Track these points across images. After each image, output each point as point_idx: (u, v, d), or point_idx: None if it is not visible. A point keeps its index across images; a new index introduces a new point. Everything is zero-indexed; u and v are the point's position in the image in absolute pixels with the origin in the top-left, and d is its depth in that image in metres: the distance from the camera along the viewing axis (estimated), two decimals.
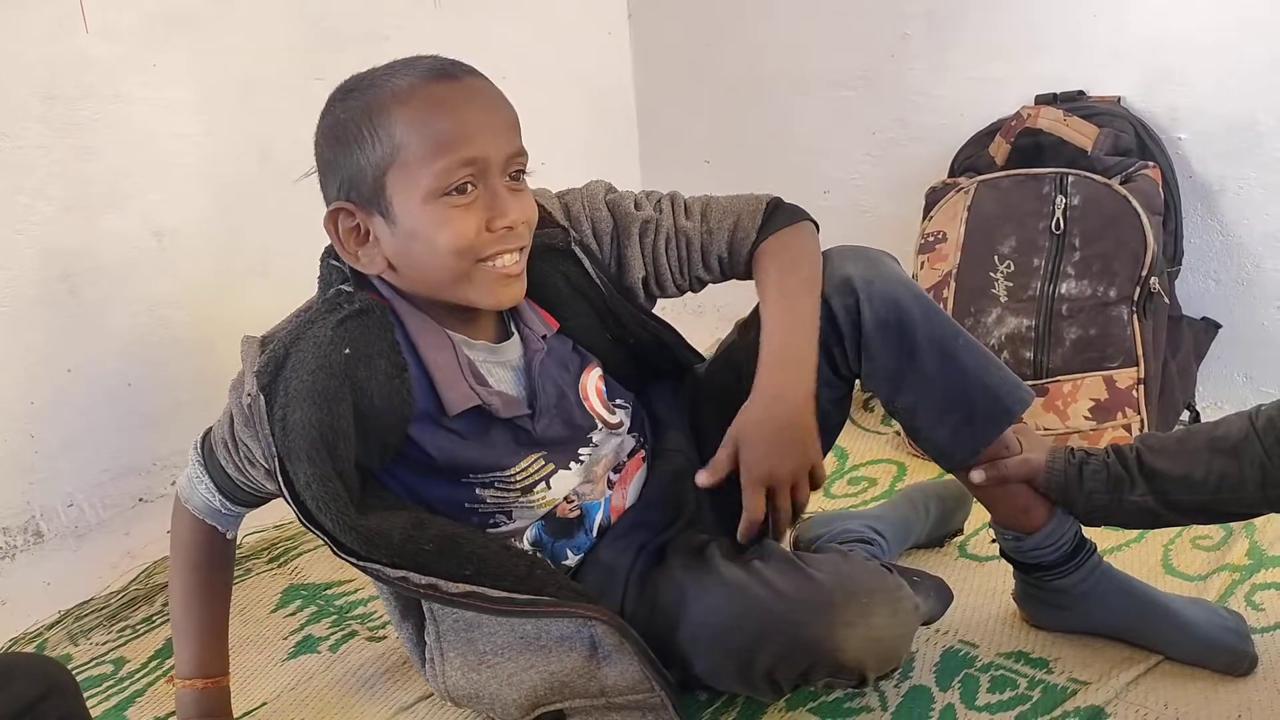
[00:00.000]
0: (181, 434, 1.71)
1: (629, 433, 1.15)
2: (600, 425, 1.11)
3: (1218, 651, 1.08)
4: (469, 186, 0.95)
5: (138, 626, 1.40)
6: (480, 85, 0.98)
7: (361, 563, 0.97)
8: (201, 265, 1.69)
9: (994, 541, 1.17)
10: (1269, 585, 1.23)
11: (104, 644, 1.37)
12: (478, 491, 1.05)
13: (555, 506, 1.09)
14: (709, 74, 2.21)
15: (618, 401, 1.15)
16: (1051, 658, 1.14)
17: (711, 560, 1.04)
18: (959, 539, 1.40)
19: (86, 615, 1.43)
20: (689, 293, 1.17)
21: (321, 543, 0.99)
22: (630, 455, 1.15)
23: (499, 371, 1.06)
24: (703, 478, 1.02)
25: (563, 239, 1.09)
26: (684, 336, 1.21)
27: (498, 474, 1.05)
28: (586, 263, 1.10)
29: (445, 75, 0.96)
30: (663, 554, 1.11)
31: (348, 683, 1.24)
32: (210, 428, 1.08)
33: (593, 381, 1.13)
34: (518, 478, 1.06)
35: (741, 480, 1.00)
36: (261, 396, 0.96)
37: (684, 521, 1.15)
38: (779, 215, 1.12)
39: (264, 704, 1.21)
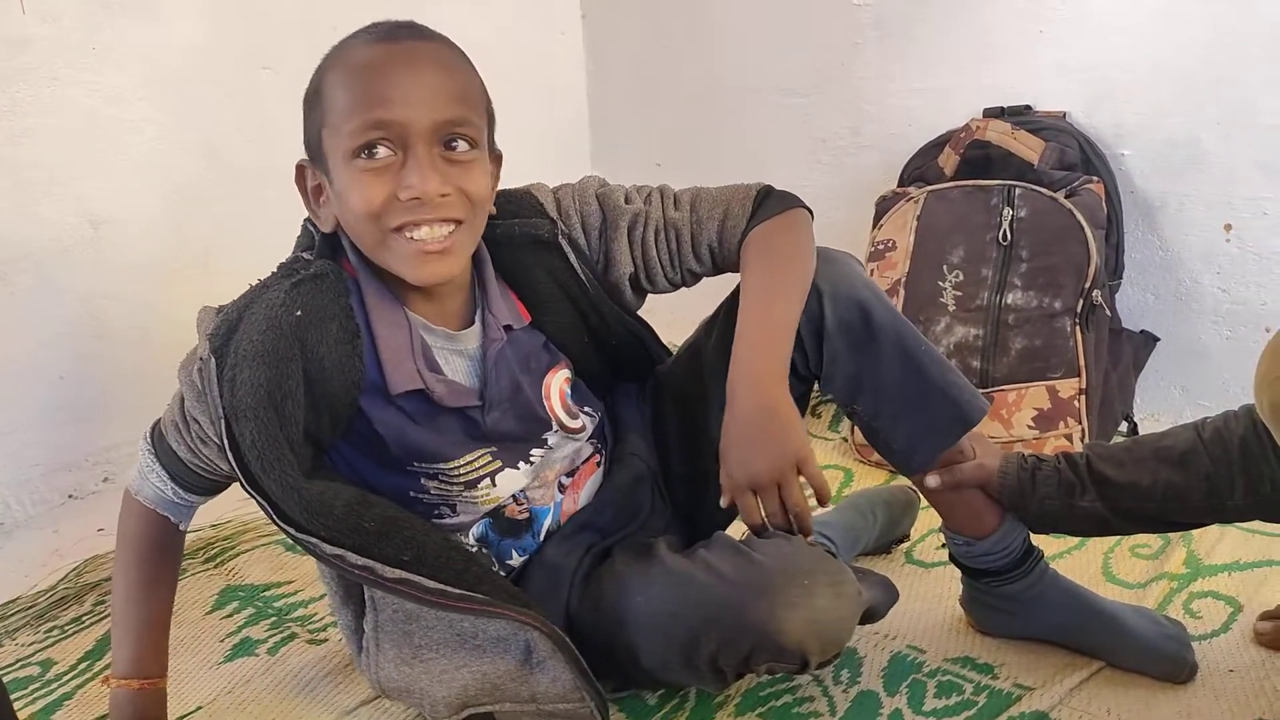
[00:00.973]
0: (115, 429, 1.67)
1: (588, 439, 1.14)
2: (556, 427, 1.09)
3: (1160, 659, 1.09)
4: (379, 149, 0.92)
5: (66, 627, 1.35)
6: (421, 49, 0.95)
7: (300, 534, 0.95)
8: (139, 257, 1.65)
9: (942, 546, 1.18)
10: (1206, 594, 1.26)
11: (30, 644, 1.32)
12: (422, 481, 1.03)
13: (503, 506, 1.07)
14: (662, 77, 2.21)
15: (585, 408, 1.13)
16: (997, 663, 1.15)
17: (656, 553, 1.03)
18: (906, 545, 1.41)
19: (12, 615, 1.37)
20: (682, 287, 1.14)
21: (260, 543, 0.97)
22: (585, 461, 1.13)
23: (455, 359, 1.04)
24: (724, 501, 1.00)
25: (549, 231, 1.07)
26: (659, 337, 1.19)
27: (441, 465, 1.03)
28: (572, 257, 1.08)
29: (387, 38, 0.94)
30: (608, 554, 1.10)
31: (287, 686, 1.21)
32: (159, 418, 1.05)
33: (558, 382, 1.10)
34: (460, 471, 1.04)
35: (722, 486, 0.99)
36: (213, 359, 0.94)
37: (635, 526, 1.14)
38: (770, 203, 1.09)
39: (199, 708, 1.17)
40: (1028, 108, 1.74)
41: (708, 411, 1.10)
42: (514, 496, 1.09)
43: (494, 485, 1.06)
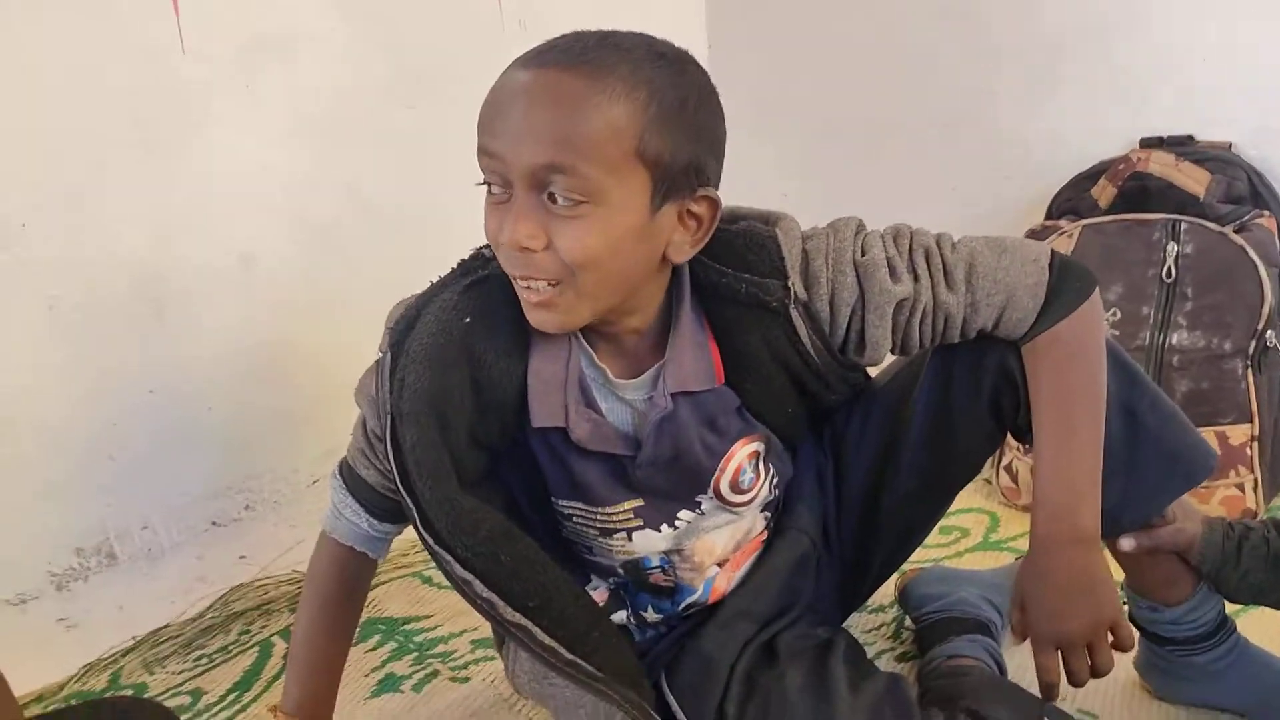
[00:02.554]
0: (256, 459, 1.70)
1: (762, 512, 1.08)
2: (713, 495, 1.01)
3: None
4: (490, 184, 0.86)
5: (214, 656, 1.37)
6: (549, 79, 0.82)
7: (437, 547, 0.92)
8: (281, 295, 1.68)
9: (1124, 604, 1.11)
10: None
11: (180, 673, 1.34)
12: (564, 509, 1.01)
13: (648, 571, 1.04)
14: (789, 108, 2.18)
15: (774, 478, 1.06)
16: None
17: (834, 695, 0.96)
18: None
19: (162, 643, 1.39)
20: None
21: (397, 575, 0.95)
22: (753, 538, 1.08)
23: (617, 403, 0.97)
24: (1012, 642, 0.98)
25: (779, 297, 0.92)
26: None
27: (582, 505, 1.00)
28: (803, 330, 0.94)
29: (533, 61, 0.84)
30: (772, 651, 1.04)
31: None
32: (344, 456, 1.04)
33: (744, 454, 1.01)
34: (598, 517, 1.00)
35: (1031, 643, 0.95)
36: (388, 354, 0.92)
37: (796, 613, 1.08)
38: (1064, 290, 0.94)
39: None
40: (1190, 138, 1.66)
41: (895, 469, 1.05)
42: (661, 567, 1.05)
43: (629, 540, 1.01)
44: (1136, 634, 1.10)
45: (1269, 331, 1.47)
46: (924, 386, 1.02)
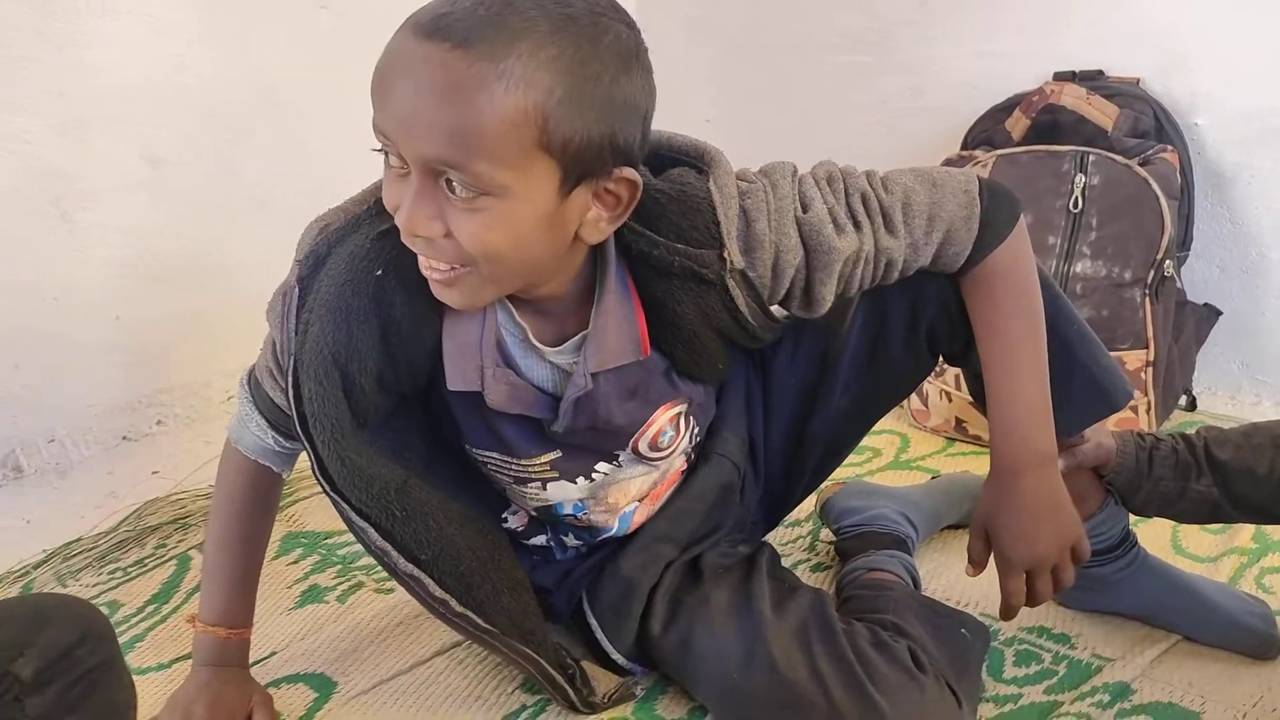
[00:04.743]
0: (169, 372, 1.66)
1: (683, 455, 1.08)
2: (631, 452, 1.02)
3: (1247, 636, 1.09)
4: (387, 154, 0.79)
5: (130, 569, 1.35)
6: (439, 60, 0.72)
7: (333, 493, 0.92)
8: (197, 197, 1.63)
9: None
10: (1276, 569, 1.26)
11: (94, 586, 1.32)
12: (479, 456, 1.01)
13: (562, 515, 1.06)
14: (712, 30, 2.17)
15: (695, 431, 1.07)
16: (1073, 633, 1.15)
17: (760, 617, 0.99)
18: None
19: (75, 555, 1.37)
20: None
21: (318, 491, 0.95)
22: (670, 475, 1.10)
23: (538, 364, 0.94)
24: (970, 572, 1.00)
25: (715, 269, 0.89)
26: None
27: (498, 455, 1.00)
28: (739, 298, 0.91)
29: (421, 30, 0.74)
30: (696, 570, 1.07)
31: (360, 634, 1.20)
32: (254, 364, 1.01)
33: (665, 417, 1.01)
34: (513, 466, 1.00)
35: (998, 568, 0.98)
36: (296, 289, 0.89)
37: (718, 536, 1.11)
38: (995, 217, 0.95)
39: (273, 654, 1.17)
40: (1100, 73, 1.71)
41: (828, 391, 1.08)
42: (574, 515, 1.06)
43: (544, 489, 1.02)
44: None
45: (1167, 261, 1.54)
46: (859, 312, 1.04)
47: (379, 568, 1.30)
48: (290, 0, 1.67)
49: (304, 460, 1.39)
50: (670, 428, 1.02)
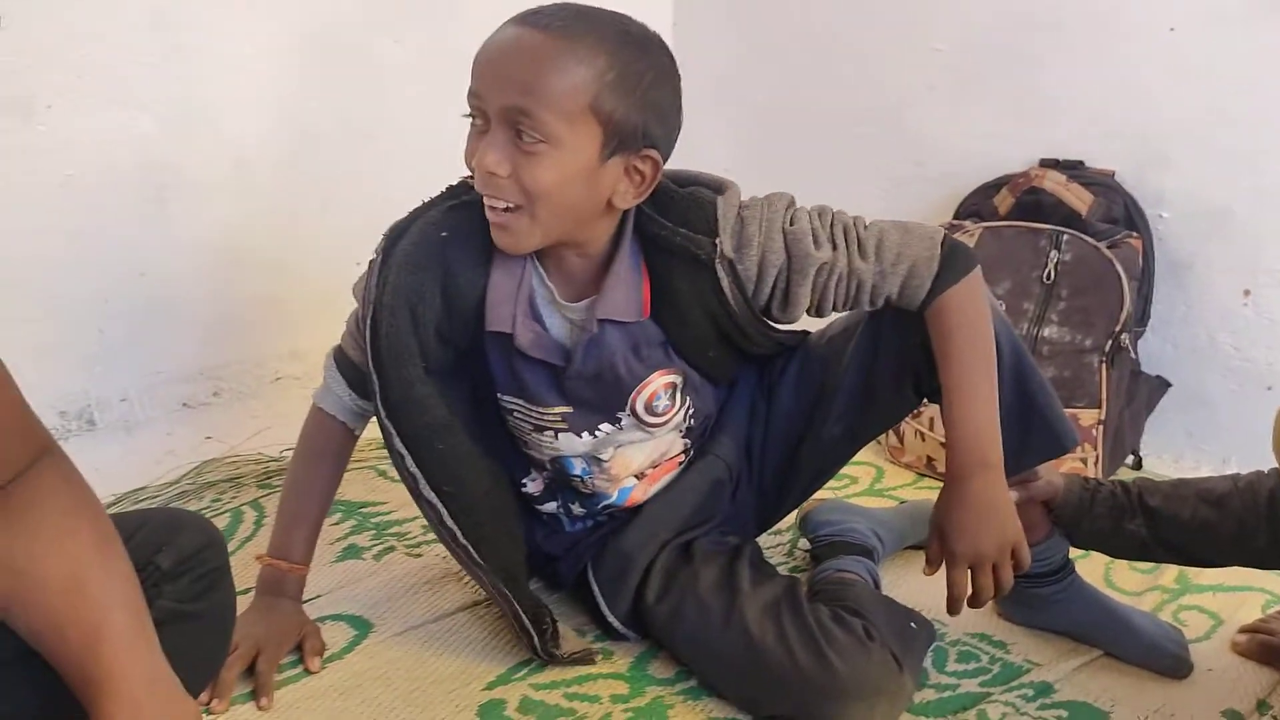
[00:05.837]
0: (229, 349, 1.85)
1: (683, 437, 1.26)
2: (630, 413, 1.19)
3: (1162, 657, 1.26)
4: (474, 117, 1.03)
5: None
6: (528, 37, 0.99)
7: (386, 419, 1.12)
8: (268, 199, 1.82)
9: None
10: (1192, 607, 1.43)
11: None
12: (507, 404, 1.20)
13: (570, 476, 1.24)
14: (741, 90, 2.37)
15: (690, 411, 1.23)
16: (1010, 641, 1.32)
17: (740, 592, 1.16)
18: None
19: (141, 501, 1.54)
20: None
21: (354, 466, 1.21)
22: (670, 458, 1.28)
23: (558, 319, 1.15)
24: (926, 571, 1.14)
25: (708, 252, 1.09)
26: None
27: (520, 401, 1.19)
28: (725, 282, 1.10)
29: (516, 22, 1.01)
30: (689, 552, 1.24)
31: (394, 588, 1.38)
32: (338, 343, 1.22)
33: (659, 384, 1.18)
34: (533, 414, 1.19)
35: (946, 562, 1.11)
36: (380, 257, 1.12)
37: (711, 525, 1.29)
38: (954, 262, 1.13)
39: (319, 595, 1.34)
40: (1080, 163, 1.92)
41: (823, 418, 1.26)
42: (581, 477, 1.24)
43: (556, 439, 1.21)
44: None
45: (1124, 334, 1.74)
46: (856, 350, 1.23)
47: (409, 535, 1.51)
48: (368, 33, 1.87)
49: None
50: (665, 394, 1.19)
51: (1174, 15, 1.80)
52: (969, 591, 1.11)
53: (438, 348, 1.14)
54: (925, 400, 1.27)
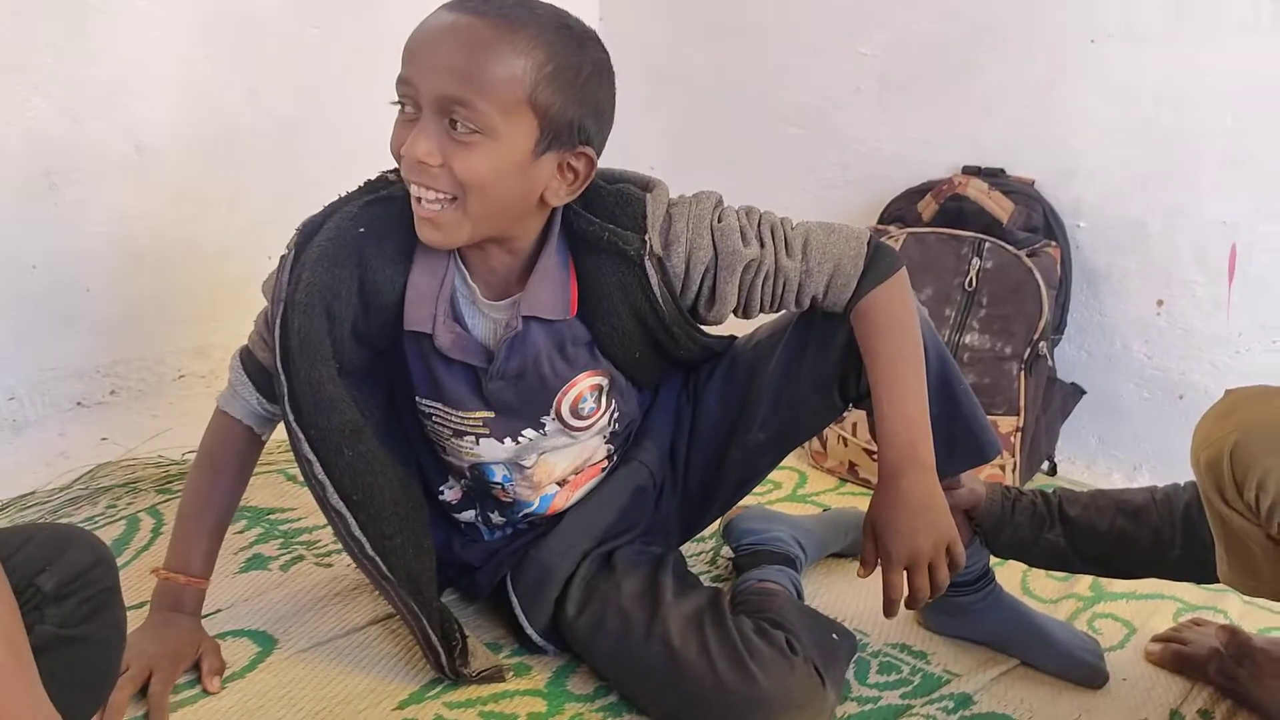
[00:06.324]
0: (127, 345, 1.76)
1: (606, 442, 1.24)
2: (555, 417, 1.16)
3: (1078, 667, 1.27)
4: (406, 104, 0.99)
5: (80, 524, 1.44)
6: (465, 24, 0.96)
7: (295, 423, 1.07)
8: (174, 187, 1.73)
9: None
10: (1107, 615, 1.45)
11: None
12: (425, 408, 1.16)
13: (490, 485, 1.20)
14: (668, 86, 2.35)
15: (615, 414, 1.21)
16: (929, 651, 1.33)
17: (662, 603, 1.14)
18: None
19: (29, 508, 1.46)
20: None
21: (260, 470, 1.16)
22: (594, 464, 1.25)
23: (480, 319, 1.11)
24: (861, 573, 1.12)
25: (636, 250, 1.07)
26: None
27: (439, 404, 1.15)
28: (654, 279, 1.08)
29: (453, 7, 0.98)
30: (610, 563, 1.21)
31: (300, 600, 1.32)
32: (245, 344, 1.16)
33: (585, 385, 1.15)
34: (453, 419, 1.15)
35: (882, 562, 1.08)
36: (293, 252, 1.07)
37: (633, 534, 1.26)
38: (879, 263, 1.13)
39: (219, 610, 1.28)
40: (1002, 171, 1.94)
41: (748, 424, 1.24)
42: (502, 484, 1.21)
43: (477, 444, 1.17)
44: None
45: (1041, 342, 1.76)
46: (782, 355, 1.21)
47: (319, 544, 1.45)
48: (285, 17, 1.80)
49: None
50: (590, 396, 1.17)
51: (1095, 28, 1.82)
52: (905, 593, 1.09)
53: (353, 347, 1.09)
54: (850, 406, 1.25)
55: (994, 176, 1.92)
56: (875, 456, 1.20)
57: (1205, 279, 1.79)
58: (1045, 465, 1.90)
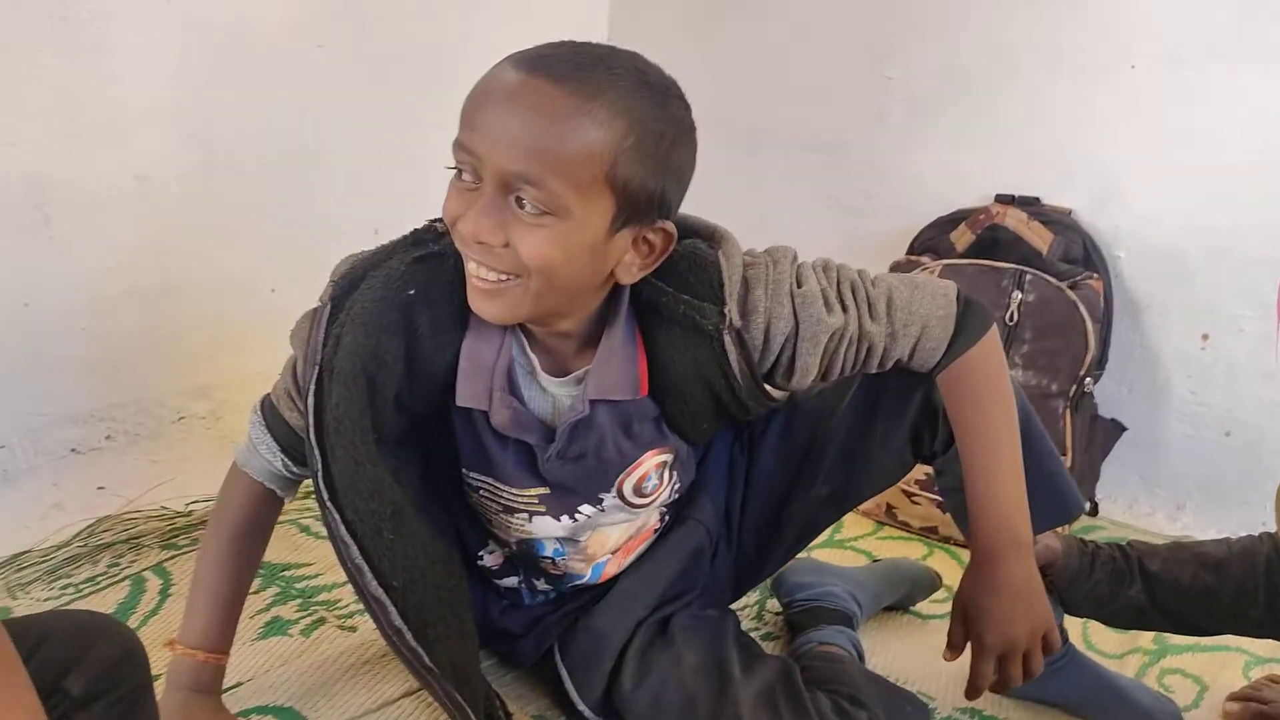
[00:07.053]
0: (124, 388, 1.65)
1: (660, 509, 1.15)
2: (616, 496, 1.08)
3: None
4: (465, 172, 0.88)
5: (81, 586, 1.33)
6: (534, 88, 0.83)
7: (329, 503, 0.95)
8: (176, 219, 1.62)
9: (942, 600, 1.26)
10: (1175, 670, 1.39)
11: (46, 600, 1.30)
12: (473, 481, 1.06)
13: (540, 558, 1.11)
14: (695, 106, 2.26)
15: (675, 485, 1.12)
16: (1001, 716, 1.25)
17: (730, 679, 1.05)
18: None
19: (25, 568, 1.34)
20: None
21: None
22: (646, 529, 1.16)
23: (539, 394, 1.02)
24: (947, 656, 1.04)
25: (715, 324, 0.96)
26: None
27: (489, 479, 1.05)
28: (732, 355, 0.98)
29: (522, 65, 0.85)
30: (667, 630, 1.12)
31: (327, 671, 1.22)
32: (269, 392, 1.05)
33: (652, 463, 1.07)
34: (503, 494, 1.06)
35: (973, 649, 1.02)
36: (329, 307, 0.95)
37: (690, 597, 1.17)
38: (970, 322, 1.04)
39: (239, 684, 1.17)
40: (1037, 200, 1.87)
41: (810, 479, 1.16)
42: (552, 558, 1.12)
43: (529, 521, 1.07)
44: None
45: (1087, 379, 1.69)
46: (851, 407, 1.13)
47: (339, 604, 1.35)
48: (291, 38, 1.70)
49: None
50: (655, 474, 1.08)
51: (1135, 53, 1.76)
52: (993, 679, 1.02)
53: (394, 417, 0.98)
54: (925, 464, 1.17)
55: (1029, 205, 1.86)
56: (947, 510, 1.13)
57: (1253, 313, 1.73)
58: (1087, 506, 1.82)
